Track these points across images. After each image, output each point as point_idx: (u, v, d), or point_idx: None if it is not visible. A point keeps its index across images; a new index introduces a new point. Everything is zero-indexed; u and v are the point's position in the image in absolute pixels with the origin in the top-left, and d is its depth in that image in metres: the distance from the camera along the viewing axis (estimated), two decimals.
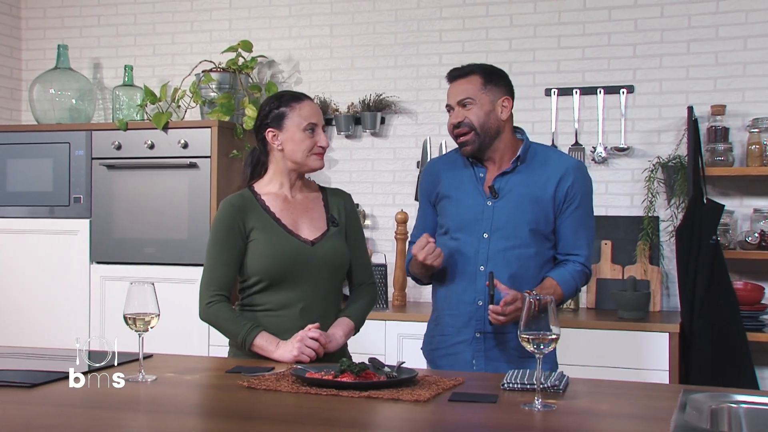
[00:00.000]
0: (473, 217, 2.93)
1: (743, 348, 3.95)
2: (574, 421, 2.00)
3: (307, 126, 2.86)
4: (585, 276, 2.97)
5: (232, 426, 1.99)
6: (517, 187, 2.92)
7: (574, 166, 2.97)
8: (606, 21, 4.58)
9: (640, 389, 2.41)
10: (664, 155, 4.43)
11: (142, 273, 4.56)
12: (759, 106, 4.36)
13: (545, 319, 2.10)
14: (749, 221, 4.31)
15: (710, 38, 4.44)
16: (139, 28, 5.35)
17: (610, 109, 4.55)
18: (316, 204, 2.97)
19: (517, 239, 2.89)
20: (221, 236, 2.86)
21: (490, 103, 2.92)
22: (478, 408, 2.11)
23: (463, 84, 2.94)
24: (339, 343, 2.83)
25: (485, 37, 4.75)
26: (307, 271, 2.83)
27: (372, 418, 2.05)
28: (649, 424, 1.96)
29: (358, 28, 4.98)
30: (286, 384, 2.33)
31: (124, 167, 4.64)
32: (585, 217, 2.96)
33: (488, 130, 2.92)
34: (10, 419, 2.03)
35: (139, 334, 2.46)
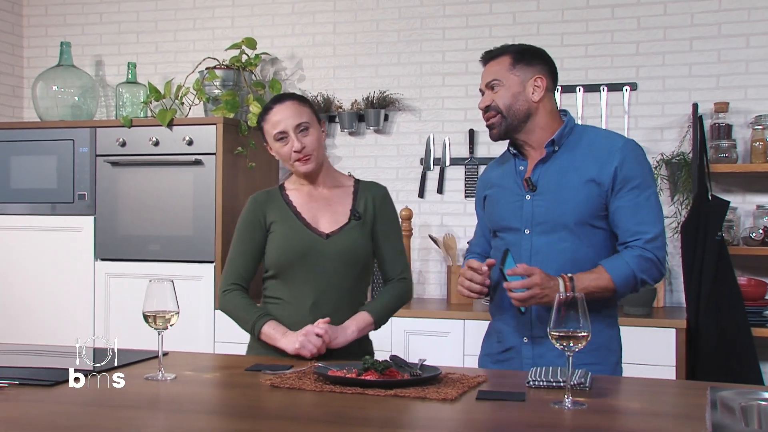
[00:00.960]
0: (512, 214, 2.71)
1: (748, 343, 3.91)
2: (607, 420, 1.94)
3: (277, 136, 2.81)
4: (649, 263, 2.57)
5: (260, 426, 1.92)
6: (555, 176, 2.65)
7: (622, 145, 2.64)
8: (609, 19, 4.52)
9: (666, 386, 2.35)
10: (668, 152, 4.38)
11: (147, 270, 4.48)
12: (761, 103, 4.32)
13: (575, 317, 2.04)
14: (752, 217, 4.26)
15: (713, 36, 4.39)
16: (142, 25, 5.26)
17: (613, 106, 4.49)
18: (342, 197, 2.91)
19: (561, 233, 2.62)
20: (242, 229, 2.90)
21: (519, 84, 2.68)
22: (507, 406, 2.05)
23: (492, 66, 2.73)
24: (347, 338, 2.73)
25: (488, 35, 4.69)
26: (319, 264, 2.78)
27: (402, 418, 1.98)
28: (685, 423, 1.90)
29: (362, 26, 4.90)
30: (309, 382, 2.26)
31: (128, 164, 4.56)
32: (645, 197, 2.61)
33: (516, 112, 2.67)
34: (35, 418, 1.96)
35: (158, 332, 2.38)
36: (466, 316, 4.06)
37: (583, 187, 2.62)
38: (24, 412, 2.02)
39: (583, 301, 2.05)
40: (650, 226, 2.60)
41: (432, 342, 4.11)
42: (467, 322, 4.06)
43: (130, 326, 4.47)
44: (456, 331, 4.09)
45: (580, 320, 2.03)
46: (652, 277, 2.62)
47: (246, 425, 1.92)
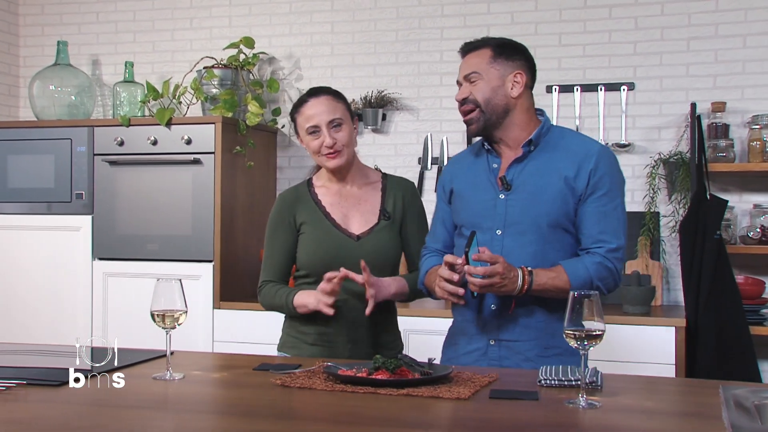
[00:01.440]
0: (485, 213, 2.60)
1: (746, 342, 3.90)
2: (625, 419, 1.91)
3: (309, 129, 2.80)
4: (607, 271, 2.53)
5: (275, 426, 1.89)
6: (532, 176, 2.57)
7: (597, 150, 2.59)
8: (607, 18, 4.50)
9: (677, 385, 2.33)
10: (665, 151, 4.36)
11: (145, 269, 4.44)
12: (758, 102, 4.30)
13: (589, 315, 2.01)
14: (749, 216, 4.25)
15: (710, 36, 4.38)
16: (139, 24, 5.21)
17: (611, 105, 4.47)
18: (371, 195, 2.89)
19: (534, 234, 2.55)
20: (272, 229, 2.92)
21: (498, 78, 2.59)
22: (521, 405, 2.02)
23: (472, 58, 2.66)
24: (387, 291, 2.74)
25: (486, 35, 4.61)
26: (350, 267, 2.70)
27: (418, 417, 1.94)
28: (703, 421, 1.88)
29: (359, 25, 4.87)
30: (320, 382, 2.23)
31: (126, 163, 4.51)
32: (612, 206, 2.56)
33: (494, 107, 2.58)
34: (47, 419, 1.92)
35: (166, 331, 2.34)
36: None
37: (559, 189, 2.56)
38: (36, 412, 1.98)
39: (598, 299, 2.02)
40: (614, 236, 2.56)
41: (431, 341, 4.04)
42: None
43: (128, 325, 4.44)
44: None
45: (595, 318, 2.01)
46: (607, 287, 2.57)
47: (259, 425, 1.88)
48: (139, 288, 4.44)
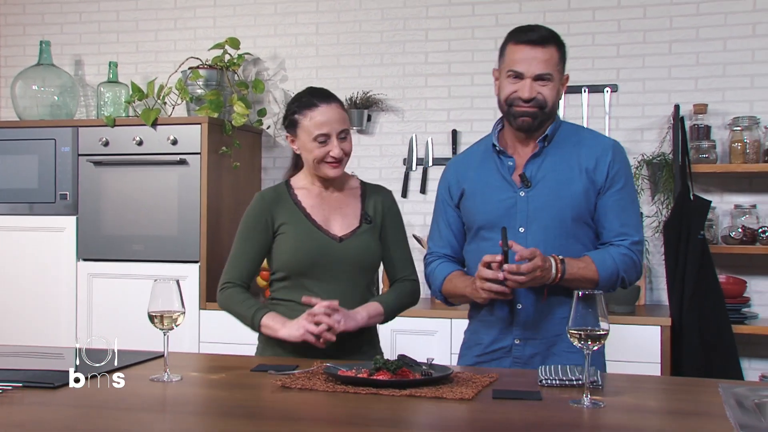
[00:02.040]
0: (504, 212, 2.54)
1: (729, 340, 3.90)
2: (632, 419, 1.89)
3: (317, 137, 2.64)
4: (632, 263, 2.52)
5: (279, 428, 1.84)
6: (551, 171, 2.53)
7: (612, 145, 2.58)
8: (590, 21, 4.50)
9: (676, 384, 2.32)
10: (648, 152, 4.36)
11: (131, 270, 4.38)
12: (738, 105, 4.31)
13: (594, 314, 1.99)
14: (729, 216, 4.26)
15: (691, 39, 4.38)
16: (122, 25, 5.14)
17: (595, 107, 4.46)
18: (351, 200, 2.80)
19: (558, 229, 2.50)
20: (247, 228, 2.77)
21: (560, 81, 2.53)
22: (525, 405, 1.99)
23: (543, 54, 2.48)
24: (358, 321, 2.61)
25: (471, 37, 4.64)
26: (332, 268, 2.67)
27: (423, 419, 1.92)
28: (709, 420, 1.85)
29: (344, 27, 4.83)
30: (320, 383, 2.18)
31: (111, 164, 4.43)
32: (629, 200, 2.56)
33: (552, 111, 2.54)
34: (47, 422, 1.88)
35: (164, 332, 2.29)
36: (452, 315, 4.00)
37: (582, 182, 2.53)
38: (35, 415, 1.93)
39: (602, 298, 2.00)
40: (635, 229, 2.57)
41: (419, 341, 4.05)
42: (454, 321, 4.00)
43: (113, 327, 4.36)
44: (443, 330, 4.04)
45: (599, 318, 1.98)
46: (630, 279, 2.57)
47: (263, 428, 1.84)
48: (125, 289, 4.38)
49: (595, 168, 2.54)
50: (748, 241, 4.14)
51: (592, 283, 2.48)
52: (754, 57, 4.32)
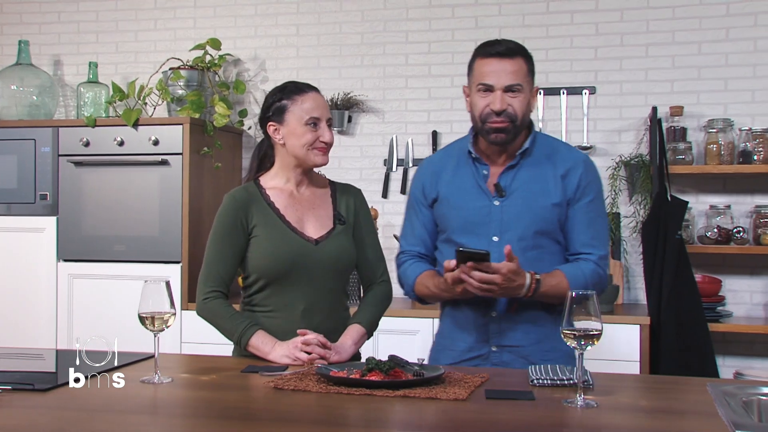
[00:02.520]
0: (479, 220, 2.54)
1: (705, 338, 3.92)
2: (626, 418, 1.88)
3: (309, 120, 2.60)
4: (599, 278, 2.53)
5: (273, 429, 1.81)
6: (526, 183, 2.54)
7: (583, 159, 2.60)
8: (568, 24, 4.50)
9: (664, 383, 2.31)
10: (626, 154, 4.37)
11: (112, 271, 4.32)
12: (713, 107, 4.34)
13: (587, 315, 1.98)
14: (705, 217, 4.27)
15: (667, 42, 4.40)
16: (102, 25, 5.06)
17: (573, 109, 4.46)
18: (323, 200, 2.73)
19: (531, 240, 2.51)
20: (222, 231, 2.65)
21: (530, 93, 2.54)
22: (520, 406, 1.97)
23: (511, 65, 2.48)
24: (349, 353, 2.57)
25: (451, 39, 4.63)
26: (309, 271, 2.61)
27: (419, 419, 1.89)
28: (703, 419, 1.85)
29: (325, 28, 4.79)
30: (313, 384, 2.15)
31: (92, 164, 4.37)
32: (597, 213, 2.58)
33: (524, 122, 2.53)
34: (39, 425, 1.83)
35: (154, 333, 2.24)
36: (434, 315, 3.95)
37: (554, 194, 2.55)
38: (27, 418, 1.88)
39: (595, 299, 1.99)
40: (602, 243, 2.58)
41: (401, 341, 4.02)
42: (436, 321, 3.95)
43: (94, 327, 4.30)
44: (425, 330, 4.02)
45: (592, 318, 1.98)
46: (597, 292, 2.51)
47: (258, 429, 1.80)
48: (106, 289, 4.32)
49: (567, 182, 2.55)
50: (722, 241, 4.16)
51: (561, 299, 2.40)
52: (728, 61, 4.35)
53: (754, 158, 4.12)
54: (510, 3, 4.56)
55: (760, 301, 4.29)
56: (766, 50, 4.31)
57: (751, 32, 4.33)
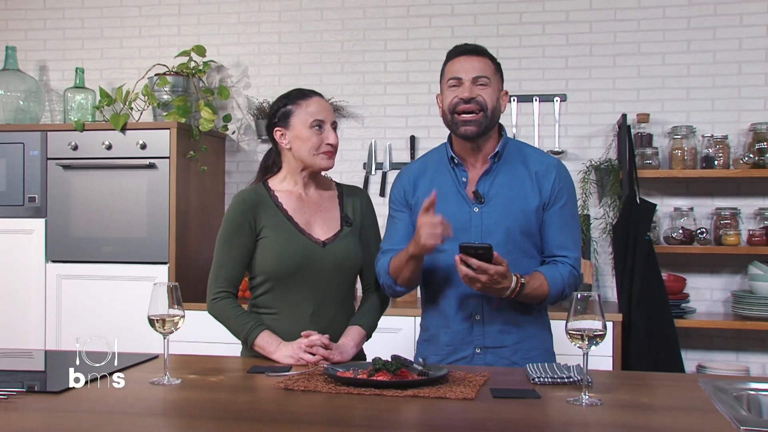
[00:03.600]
0: (460, 226, 2.49)
1: (672, 334, 3.93)
2: (636, 416, 1.85)
3: (314, 123, 2.55)
4: (574, 279, 2.53)
5: (293, 430, 1.75)
6: (503, 188, 2.52)
7: (556, 164, 2.58)
8: (540, 35, 4.49)
9: (656, 379, 2.29)
10: (595, 158, 4.37)
11: (100, 271, 4.22)
12: (676, 114, 4.36)
13: (591, 315, 1.96)
14: (669, 218, 4.30)
15: (633, 53, 4.41)
16: (87, 32, 4.95)
17: (545, 115, 4.46)
18: (330, 202, 2.67)
19: (511, 244, 2.48)
20: (231, 232, 2.57)
21: (498, 91, 2.53)
22: (526, 404, 1.94)
23: (478, 61, 2.50)
24: (350, 354, 2.52)
25: (428, 47, 4.59)
26: (317, 273, 2.55)
27: (432, 419, 1.84)
28: (705, 416, 1.83)
29: (306, 36, 4.73)
30: (322, 384, 2.10)
31: (81, 167, 4.25)
32: (571, 216, 2.56)
33: (495, 117, 2.51)
34: (58, 427, 1.76)
35: (164, 336, 2.18)
36: (416, 313, 3.94)
37: (530, 200, 2.53)
38: (41, 421, 1.81)
39: (598, 300, 1.97)
40: (575, 245, 2.57)
41: (384, 339, 3.95)
42: (418, 319, 3.93)
43: (83, 327, 4.20)
44: (407, 328, 3.98)
45: (596, 319, 1.95)
46: (571, 292, 2.49)
47: (278, 430, 1.75)
48: (94, 290, 4.22)
49: (541, 186, 2.54)
50: (686, 241, 4.19)
51: (542, 300, 2.50)
52: (690, 71, 4.37)
53: (716, 163, 4.15)
54: (485, 14, 4.54)
55: (719, 298, 4.33)
56: (724, 62, 4.34)
57: (710, 45, 4.36)
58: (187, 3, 4.85)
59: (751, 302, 4.07)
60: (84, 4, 4.95)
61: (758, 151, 4.12)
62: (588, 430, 1.75)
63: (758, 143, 4.14)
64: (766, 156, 4.11)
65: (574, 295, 1.96)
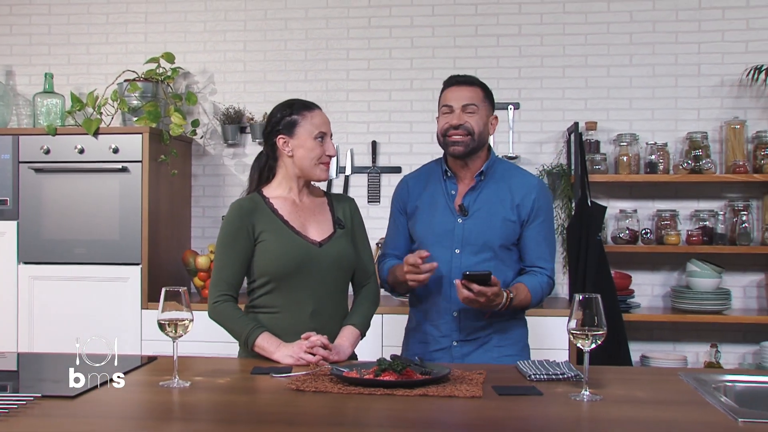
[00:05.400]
0: (444, 234, 2.66)
1: (621, 328, 3.99)
2: (636, 410, 1.86)
3: (318, 134, 2.56)
4: (550, 288, 2.73)
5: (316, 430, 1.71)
6: (486, 204, 2.65)
7: (537, 183, 2.73)
8: (495, 46, 4.51)
9: (640, 374, 2.32)
10: (547, 163, 4.42)
11: (73, 273, 4.08)
12: (620, 123, 4.44)
13: (591, 316, 1.97)
14: (615, 220, 4.37)
15: (581, 65, 4.47)
16: (54, 38, 4.77)
17: (500, 122, 4.43)
18: (322, 208, 2.67)
19: (487, 253, 2.63)
20: (230, 237, 2.54)
21: (487, 116, 2.68)
22: (533, 401, 1.94)
23: (468, 91, 2.66)
24: (347, 354, 2.50)
25: (389, 57, 4.57)
26: (315, 272, 2.53)
27: (450, 417, 1.82)
28: (698, 409, 1.85)
29: (271, 45, 4.66)
30: (331, 385, 2.06)
31: (53, 171, 4.10)
32: (548, 231, 2.73)
33: (482, 140, 2.66)
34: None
35: (173, 339, 2.10)
36: (383, 311, 3.91)
37: (509, 216, 2.66)
38: (59, 427, 1.72)
39: (600, 301, 1.98)
40: (552, 257, 2.75)
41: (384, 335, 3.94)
42: (385, 317, 3.92)
43: (55, 329, 4.05)
44: (374, 326, 3.89)
45: (596, 320, 1.96)
46: (546, 299, 2.79)
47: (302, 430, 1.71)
48: (66, 291, 4.07)
49: (521, 204, 2.67)
50: (632, 241, 4.26)
51: (524, 307, 2.70)
52: (632, 83, 4.45)
53: (660, 168, 4.24)
54: (442, 26, 4.54)
55: (659, 293, 4.43)
56: (662, 75, 4.43)
57: (650, 59, 4.44)
58: (154, 11, 4.72)
59: (689, 297, 4.17)
60: (51, 10, 4.77)
61: (694, 157, 4.22)
62: (602, 426, 1.75)
63: (694, 150, 4.24)
64: (701, 162, 4.21)
65: (575, 296, 1.97)
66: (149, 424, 1.77)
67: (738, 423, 1.70)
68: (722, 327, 4.33)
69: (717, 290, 4.15)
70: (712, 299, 4.12)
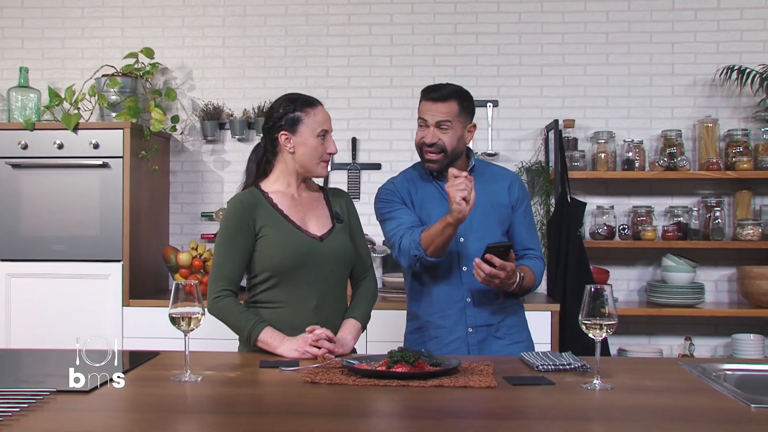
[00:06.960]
0: None
1: None
2: (648, 398, 1.89)
3: (320, 132, 2.55)
4: (543, 267, 2.84)
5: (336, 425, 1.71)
6: (480, 196, 2.64)
7: (514, 176, 2.88)
8: (474, 44, 4.55)
9: (642, 364, 2.36)
10: (526, 160, 4.47)
11: (52, 270, 4.01)
12: (597, 121, 4.51)
13: (602, 306, 2.00)
14: (592, 216, 4.44)
15: (558, 64, 4.53)
16: (27, 31, 4.68)
17: (479, 120, 4.41)
18: (319, 202, 2.66)
19: (490, 239, 2.66)
20: (230, 233, 2.52)
21: (461, 129, 2.70)
22: (547, 390, 1.97)
23: (443, 107, 2.66)
24: (350, 346, 2.51)
25: (369, 54, 4.58)
26: (317, 266, 2.53)
27: (467, 407, 1.83)
28: (707, 396, 1.90)
29: (250, 41, 4.63)
30: (344, 377, 2.07)
31: (31, 166, 4.02)
32: (531, 218, 2.88)
33: (456, 153, 2.71)
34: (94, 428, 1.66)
35: (184, 333, 2.09)
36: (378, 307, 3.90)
37: (502, 201, 2.78)
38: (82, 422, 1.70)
39: (611, 292, 2.02)
40: (538, 240, 2.91)
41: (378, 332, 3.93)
42: (381, 312, 3.91)
43: (33, 326, 3.98)
44: None
45: (607, 310, 2.00)
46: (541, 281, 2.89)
47: (328, 424, 1.70)
48: (45, 288, 4.00)
49: (509, 193, 2.80)
50: (609, 236, 4.34)
51: (529, 289, 2.77)
52: (608, 82, 4.53)
53: (636, 165, 4.32)
54: (421, 24, 4.56)
55: (635, 288, 4.51)
56: (637, 74, 4.51)
57: (625, 59, 4.52)
58: (131, 6, 4.66)
59: (664, 291, 4.25)
60: (24, 3, 4.68)
61: (669, 155, 4.31)
62: (621, 413, 1.78)
63: (669, 148, 4.33)
64: (676, 160, 4.30)
65: (588, 288, 2.00)
66: (171, 417, 1.75)
67: (751, 408, 1.75)
68: (695, 320, 4.43)
69: (691, 284, 4.24)
70: (687, 293, 4.21)
